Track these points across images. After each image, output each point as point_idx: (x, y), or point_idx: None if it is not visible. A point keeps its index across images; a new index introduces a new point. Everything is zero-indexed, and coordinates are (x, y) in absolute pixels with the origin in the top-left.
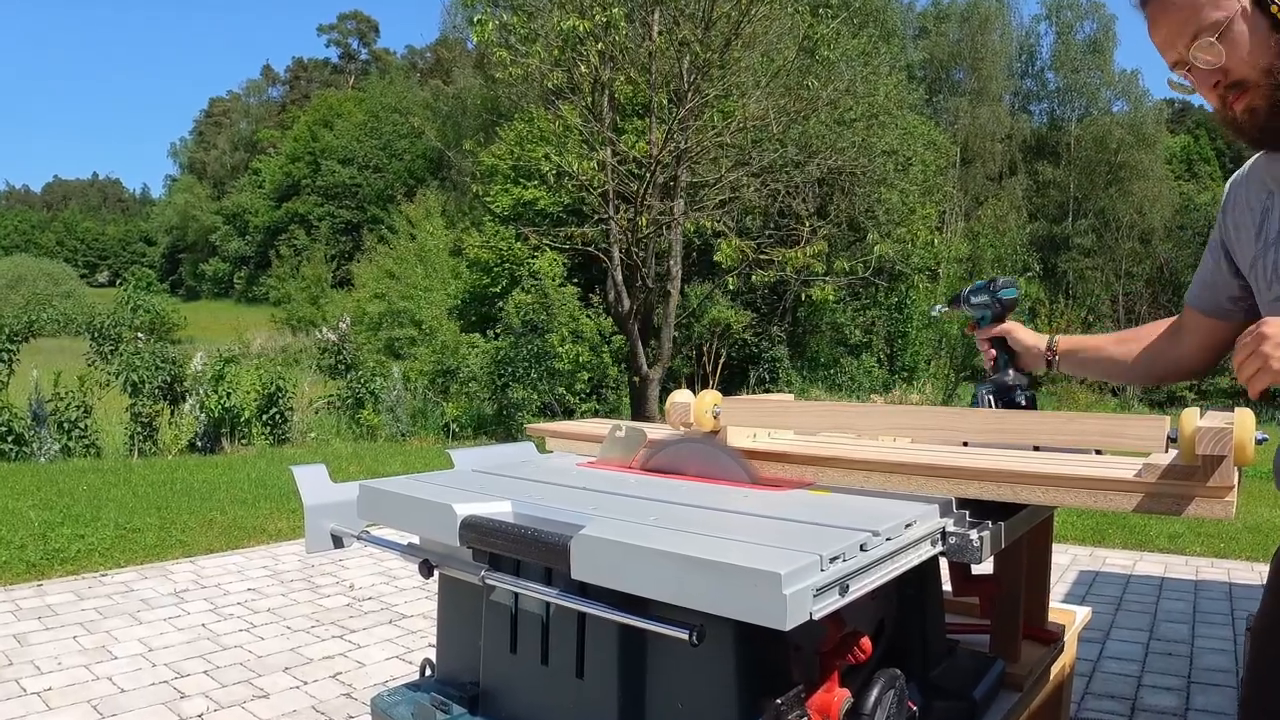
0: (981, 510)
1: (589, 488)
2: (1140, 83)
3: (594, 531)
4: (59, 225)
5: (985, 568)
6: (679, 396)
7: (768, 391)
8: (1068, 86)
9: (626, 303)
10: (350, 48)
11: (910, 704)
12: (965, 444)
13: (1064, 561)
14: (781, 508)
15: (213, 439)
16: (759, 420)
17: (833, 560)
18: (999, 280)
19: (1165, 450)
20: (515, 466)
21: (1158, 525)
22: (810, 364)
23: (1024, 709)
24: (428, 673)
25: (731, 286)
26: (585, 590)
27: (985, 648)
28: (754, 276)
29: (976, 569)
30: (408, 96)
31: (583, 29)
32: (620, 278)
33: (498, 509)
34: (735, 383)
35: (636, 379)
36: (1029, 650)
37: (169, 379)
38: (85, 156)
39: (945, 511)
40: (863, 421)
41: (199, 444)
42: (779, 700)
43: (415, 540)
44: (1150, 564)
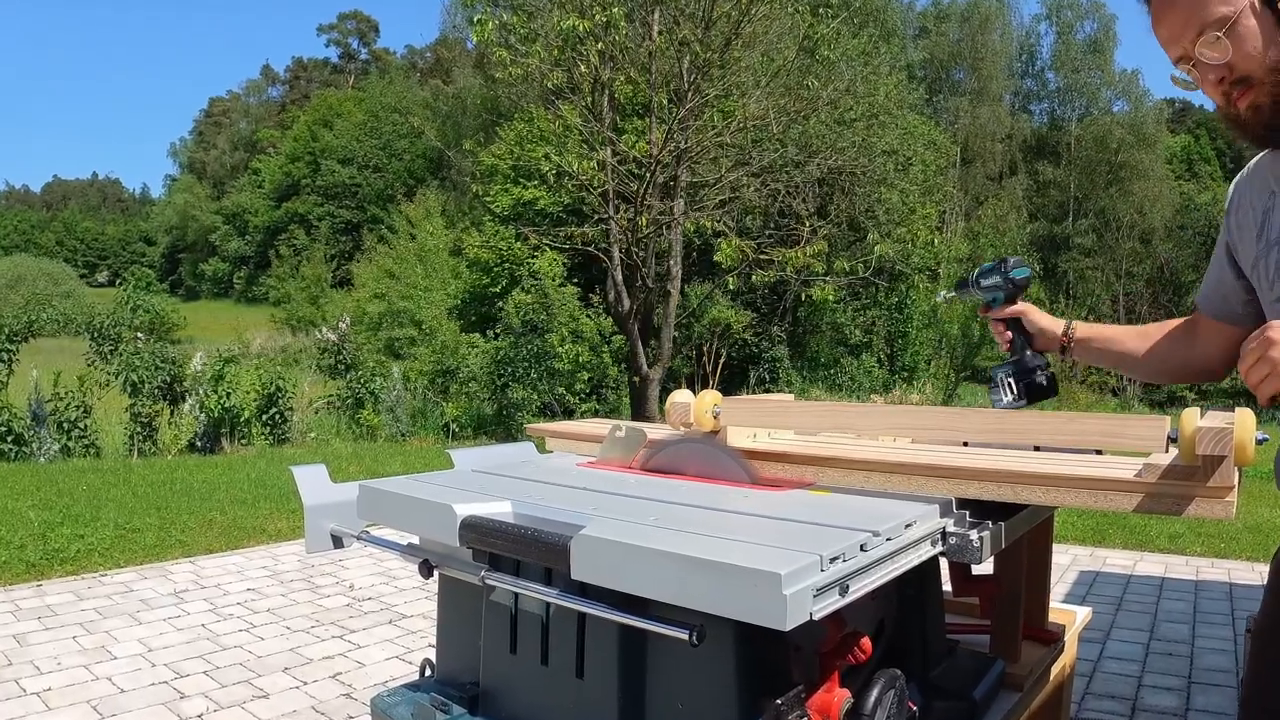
0: (981, 510)
1: (589, 488)
2: (1141, 82)
3: (594, 532)
4: (59, 225)
5: (985, 568)
6: (679, 396)
7: (768, 391)
8: (1068, 86)
9: (626, 303)
10: (350, 47)
11: (910, 704)
12: (965, 444)
13: (1064, 561)
14: (781, 508)
15: (212, 439)
16: (759, 420)
17: (833, 560)
18: (1010, 260)
19: (1165, 450)
20: (515, 467)
21: (1158, 525)
22: (810, 364)
23: (1024, 709)
24: (427, 673)
25: (731, 286)
26: (585, 590)
27: (985, 648)
28: (754, 276)
29: (977, 569)
30: (408, 96)
31: (583, 29)
32: (620, 278)
33: (498, 509)
34: (735, 383)
35: (636, 379)
36: (1029, 650)
37: (169, 379)
38: (85, 156)
39: (945, 512)
40: (863, 421)
41: (199, 444)
42: (779, 700)
43: (415, 540)
44: (1150, 564)
